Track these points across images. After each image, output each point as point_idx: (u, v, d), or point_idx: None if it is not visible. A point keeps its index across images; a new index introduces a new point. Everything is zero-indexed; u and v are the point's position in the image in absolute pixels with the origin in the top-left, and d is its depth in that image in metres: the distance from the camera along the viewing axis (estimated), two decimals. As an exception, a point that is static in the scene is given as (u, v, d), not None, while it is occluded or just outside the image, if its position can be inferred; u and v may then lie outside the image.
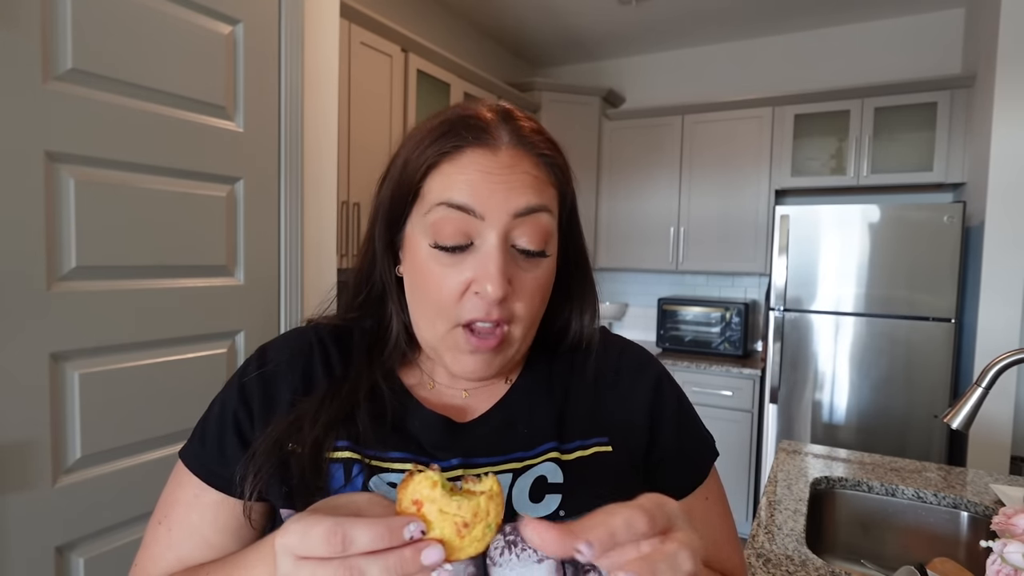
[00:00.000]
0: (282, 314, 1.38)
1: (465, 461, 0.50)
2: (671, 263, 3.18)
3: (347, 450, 0.49)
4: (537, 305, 0.51)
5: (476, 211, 0.47)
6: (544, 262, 0.51)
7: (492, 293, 0.46)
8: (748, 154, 2.97)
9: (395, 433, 0.51)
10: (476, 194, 0.47)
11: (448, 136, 0.48)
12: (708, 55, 3.34)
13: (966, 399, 1.02)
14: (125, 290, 1.07)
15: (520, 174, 0.48)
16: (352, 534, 0.32)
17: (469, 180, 0.47)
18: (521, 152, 0.49)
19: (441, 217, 0.47)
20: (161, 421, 1.13)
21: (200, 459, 0.52)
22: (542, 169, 0.50)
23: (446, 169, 0.48)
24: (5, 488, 0.92)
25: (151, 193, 1.11)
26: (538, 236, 0.49)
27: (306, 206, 1.44)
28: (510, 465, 0.50)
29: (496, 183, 0.47)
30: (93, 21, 1.01)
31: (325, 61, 1.49)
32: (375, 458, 0.49)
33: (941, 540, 1.22)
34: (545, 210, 0.49)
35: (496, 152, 0.48)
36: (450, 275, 0.48)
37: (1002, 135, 2.20)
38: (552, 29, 3.17)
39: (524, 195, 0.48)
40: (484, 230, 0.47)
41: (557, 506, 0.48)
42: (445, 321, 0.49)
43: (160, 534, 0.52)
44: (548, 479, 0.49)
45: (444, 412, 0.53)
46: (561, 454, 0.51)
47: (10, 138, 0.91)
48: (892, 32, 2.91)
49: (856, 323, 2.47)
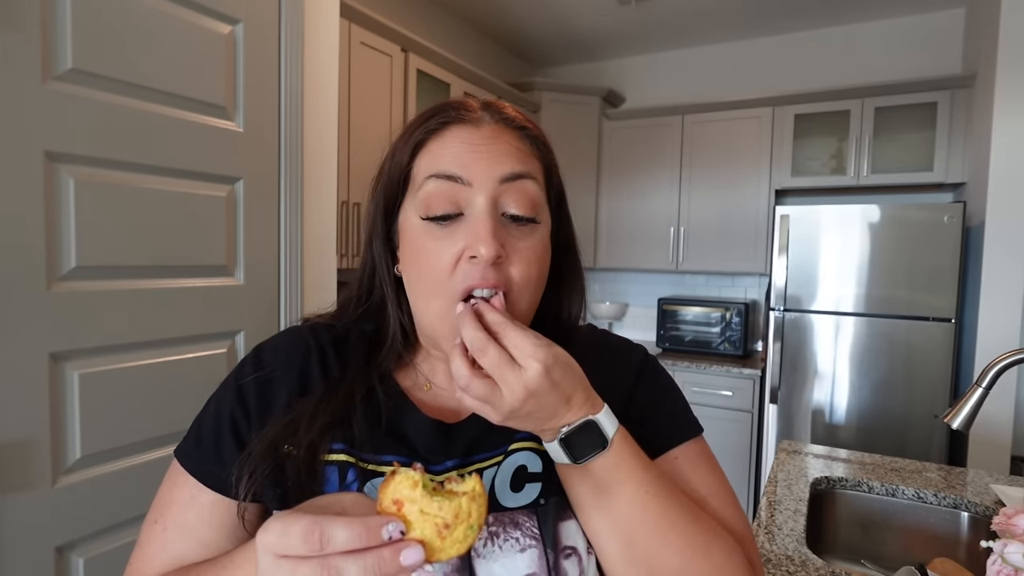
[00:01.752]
0: (282, 314, 1.38)
1: (461, 462, 0.50)
2: (671, 263, 3.18)
3: (342, 453, 0.49)
4: (535, 274, 0.51)
5: (463, 178, 0.48)
6: (537, 231, 0.51)
7: (485, 253, 0.46)
8: (748, 154, 2.97)
9: (390, 437, 0.51)
10: (462, 163, 0.49)
11: (433, 118, 0.51)
12: (708, 55, 3.34)
13: (966, 399, 1.02)
14: (125, 290, 1.07)
15: (503, 144, 0.50)
16: (330, 532, 0.32)
17: (454, 152, 0.49)
18: (502, 127, 0.51)
19: (431, 190, 0.49)
20: (161, 421, 1.13)
21: (196, 459, 0.52)
22: (524, 142, 0.52)
23: (432, 147, 0.51)
24: (5, 488, 0.92)
25: (151, 193, 1.11)
26: (526, 201, 0.50)
27: (306, 206, 1.44)
28: (497, 459, 0.51)
29: (480, 152, 0.49)
30: (93, 21, 1.01)
31: (325, 61, 1.49)
32: (371, 462, 0.49)
33: (941, 540, 1.22)
34: (530, 177, 0.51)
35: (479, 127, 0.51)
36: (444, 247, 0.48)
37: (1002, 135, 2.20)
38: (552, 29, 3.17)
39: (508, 162, 0.49)
40: (473, 197, 0.48)
41: (537, 494, 0.49)
42: (442, 297, 0.48)
43: (155, 533, 0.51)
44: (528, 468, 0.50)
45: (439, 414, 0.53)
46: (539, 443, 0.50)
47: (10, 138, 0.91)
48: (892, 32, 2.91)
49: (856, 323, 2.47)
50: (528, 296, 0.51)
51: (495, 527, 0.47)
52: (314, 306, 1.45)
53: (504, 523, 0.47)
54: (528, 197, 0.50)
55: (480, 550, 0.46)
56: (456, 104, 0.52)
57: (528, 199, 0.50)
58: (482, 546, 0.46)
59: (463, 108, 0.52)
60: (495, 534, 0.46)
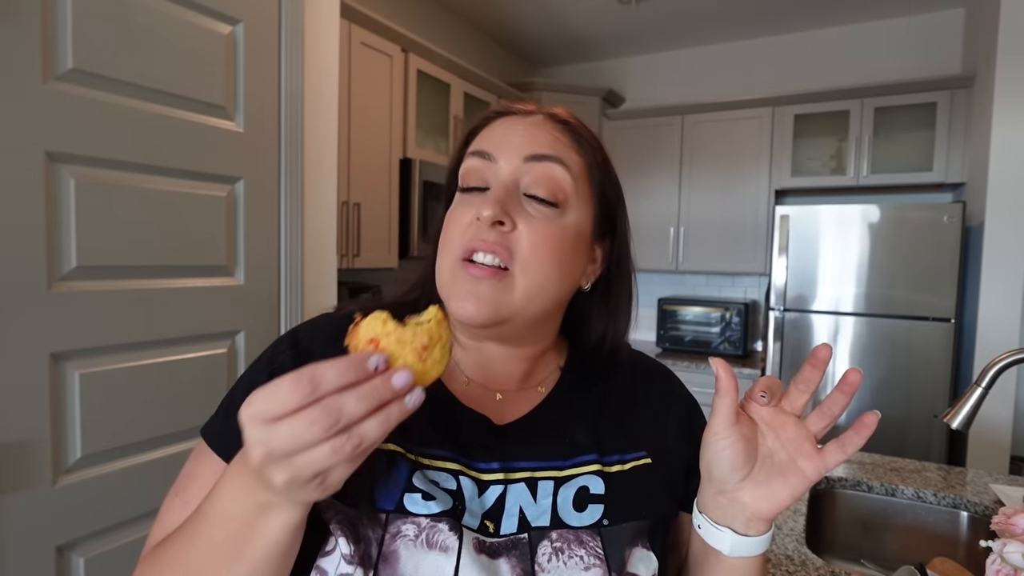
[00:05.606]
0: (282, 314, 1.38)
1: (505, 465, 0.50)
2: (671, 263, 3.18)
3: (388, 442, 0.48)
4: (544, 254, 0.49)
5: (491, 154, 0.51)
6: (558, 218, 0.50)
7: (486, 212, 0.48)
8: (748, 154, 2.97)
9: (434, 428, 0.50)
10: (497, 143, 0.52)
11: (492, 111, 0.56)
12: (708, 55, 3.34)
13: (966, 399, 1.02)
14: (125, 290, 1.07)
15: (541, 130, 0.52)
16: (319, 373, 0.32)
17: (495, 135, 0.53)
18: (548, 120, 0.53)
19: (468, 165, 0.53)
20: (161, 421, 1.13)
21: (222, 437, 0.51)
22: (566, 135, 0.53)
23: (483, 133, 0.54)
24: (5, 488, 0.92)
25: (151, 193, 1.11)
26: (547, 183, 0.50)
27: (306, 206, 1.44)
28: (550, 473, 0.51)
29: (515, 133, 0.52)
30: (93, 21, 1.01)
31: (325, 61, 1.49)
32: (418, 453, 0.48)
33: (941, 540, 1.22)
34: (559, 162, 0.51)
35: (525, 118, 0.53)
36: (464, 212, 0.51)
37: (1002, 135, 2.20)
38: (552, 29, 3.17)
39: (539, 144, 0.51)
40: (498, 171, 0.51)
41: (600, 515, 0.49)
42: (451, 257, 0.50)
43: (175, 507, 0.52)
44: (590, 490, 0.50)
45: (483, 412, 0.53)
46: (603, 466, 0.52)
47: (10, 138, 0.91)
48: (892, 32, 2.91)
49: (856, 323, 2.47)
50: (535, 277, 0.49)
51: (559, 543, 0.47)
52: (314, 306, 1.45)
53: (569, 540, 0.47)
54: (551, 180, 0.50)
55: (544, 564, 0.46)
56: (514, 104, 0.56)
57: (551, 182, 0.50)
58: (546, 561, 0.46)
59: (520, 105, 0.55)
60: (559, 550, 0.46)
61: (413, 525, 0.44)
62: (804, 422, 0.46)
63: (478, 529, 0.46)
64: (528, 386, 0.56)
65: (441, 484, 0.47)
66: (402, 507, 0.45)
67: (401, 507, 0.45)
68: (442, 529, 0.44)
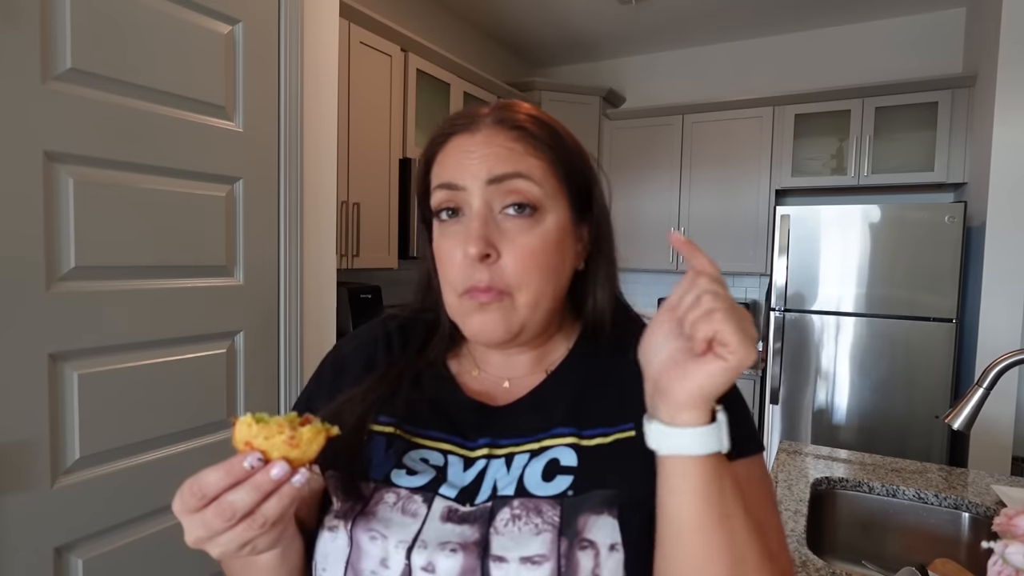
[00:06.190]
0: (282, 314, 1.38)
1: (492, 442, 0.54)
2: (671, 263, 3.18)
3: (389, 425, 0.56)
4: (534, 268, 0.52)
5: (458, 184, 0.53)
6: (538, 224, 0.52)
7: (471, 250, 0.50)
8: (748, 154, 2.97)
9: (433, 413, 0.57)
10: (456, 171, 0.53)
11: (441, 132, 0.56)
12: (708, 55, 3.34)
13: (967, 399, 1.02)
14: (125, 290, 1.07)
15: (494, 148, 0.53)
16: (203, 480, 0.40)
17: (452, 161, 0.54)
18: (498, 129, 0.54)
19: (439, 198, 0.54)
20: (161, 421, 1.13)
21: None
22: (520, 142, 0.53)
23: (439, 158, 0.55)
24: (3, 489, 0.92)
25: (151, 193, 1.11)
26: (515, 198, 0.52)
27: (306, 206, 1.44)
28: (527, 447, 0.53)
29: (472, 158, 0.52)
30: (93, 21, 1.01)
31: (325, 61, 1.49)
32: (414, 435, 0.55)
33: (942, 541, 1.21)
34: (519, 176, 0.52)
35: (474, 133, 0.54)
36: (454, 246, 0.53)
37: (1003, 135, 2.20)
38: (552, 29, 3.17)
39: (496, 163, 0.52)
40: (469, 199, 0.52)
41: (567, 486, 0.50)
42: (453, 291, 0.53)
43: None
44: (561, 461, 0.52)
45: (482, 398, 0.58)
46: (580, 439, 0.53)
47: (10, 138, 0.91)
48: (892, 32, 2.91)
49: (857, 323, 2.47)
50: (532, 291, 0.52)
51: (519, 511, 0.49)
52: (314, 306, 1.45)
53: (528, 508, 0.49)
54: (518, 194, 0.52)
55: (500, 528, 0.48)
56: (461, 114, 0.56)
57: (518, 196, 0.52)
58: (503, 526, 0.48)
59: (465, 117, 0.55)
60: (518, 516, 0.49)
61: (394, 494, 0.51)
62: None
63: (455, 499, 0.51)
64: (536, 371, 0.59)
65: (430, 461, 0.54)
66: (388, 479, 0.52)
67: (387, 479, 0.52)
68: (416, 500, 0.51)
